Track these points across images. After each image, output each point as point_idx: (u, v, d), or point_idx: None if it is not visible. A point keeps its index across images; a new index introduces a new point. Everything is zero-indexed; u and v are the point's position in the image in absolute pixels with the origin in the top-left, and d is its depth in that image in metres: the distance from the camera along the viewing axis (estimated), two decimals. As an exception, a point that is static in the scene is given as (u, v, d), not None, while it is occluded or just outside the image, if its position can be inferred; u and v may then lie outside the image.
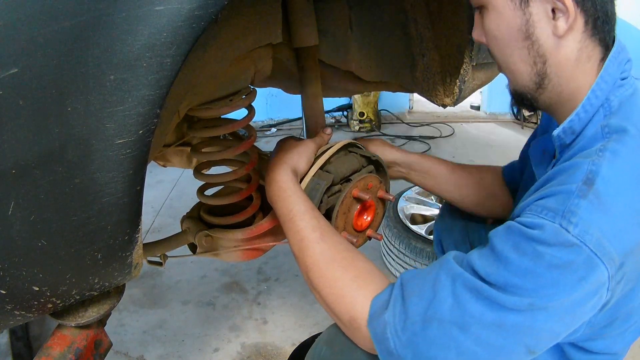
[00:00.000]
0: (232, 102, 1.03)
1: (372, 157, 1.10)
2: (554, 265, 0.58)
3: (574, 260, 0.57)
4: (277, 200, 0.88)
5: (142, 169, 0.56)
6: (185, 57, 0.53)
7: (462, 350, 0.61)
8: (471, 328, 0.60)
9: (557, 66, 0.69)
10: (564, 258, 0.57)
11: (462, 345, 0.61)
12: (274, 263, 2.20)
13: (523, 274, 0.59)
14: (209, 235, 1.13)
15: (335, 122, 4.28)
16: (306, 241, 0.80)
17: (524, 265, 0.59)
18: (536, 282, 0.58)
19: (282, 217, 0.86)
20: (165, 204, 2.81)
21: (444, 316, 0.62)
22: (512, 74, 0.74)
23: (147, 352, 1.70)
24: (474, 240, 1.24)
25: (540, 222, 0.60)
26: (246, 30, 0.93)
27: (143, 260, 0.78)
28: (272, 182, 0.90)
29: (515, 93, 0.77)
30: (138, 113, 0.52)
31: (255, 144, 1.18)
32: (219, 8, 0.53)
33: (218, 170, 1.18)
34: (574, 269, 0.58)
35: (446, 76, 1.18)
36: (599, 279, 0.59)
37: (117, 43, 0.49)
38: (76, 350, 0.75)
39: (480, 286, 0.61)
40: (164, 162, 1.35)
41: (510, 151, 3.77)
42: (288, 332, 1.77)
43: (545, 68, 0.69)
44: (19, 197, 0.50)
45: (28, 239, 0.52)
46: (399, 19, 1.18)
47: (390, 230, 1.98)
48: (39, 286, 0.57)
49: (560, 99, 0.72)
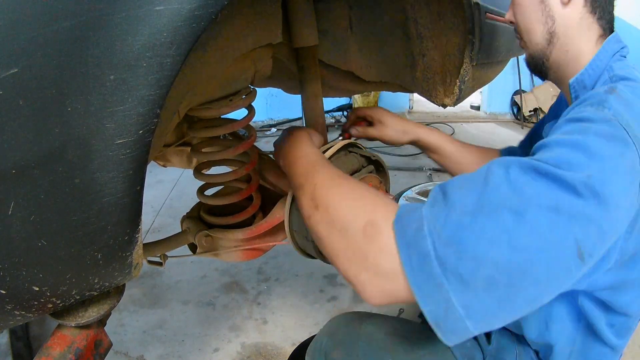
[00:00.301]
0: (232, 102, 1.03)
1: (372, 157, 1.10)
2: (600, 135, 0.62)
3: (613, 134, 0.63)
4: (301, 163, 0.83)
5: (142, 169, 0.56)
6: (185, 57, 0.53)
7: (515, 243, 0.55)
8: (527, 213, 0.55)
9: (564, 27, 0.85)
10: (606, 130, 0.63)
11: (515, 235, 0.55)
12: (274, 263, 2.20)
13: (574, 146, 0.62)
14: (209, 235, 1.13)
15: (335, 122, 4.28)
16: (318, 166, 0.77)
17: (574, 139, 0.63)
18: (586, 151, 0.60)
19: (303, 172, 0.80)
20: (165, 204, 2.81)
21: (498, 202, 0.56)
22: (529, 33, 0.90)
23: (147, 352, 1.70)
24: None
25: (580, 112, 0.68)
26: (246, 31, 0.93)
27: (143, 260, 0.78)
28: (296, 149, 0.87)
29: (531, 58, 0.93)
30: (138, 113, 0.52)
31: (255, 144, 1.18)
32: (219, 8, 0.53)
33: (218, 170, 1.18)
34: (615, 142, 0.62)
35: (446, 76, 1.18)
36: (633, 159, 0.62)
37: (117, 43, 0.49)
38: (76, 350, 0.75)
39: (537, 164, 0.59)
40: (164, 162, 1.35)
41: (510, 151, 3.76)
42: (288, 332, 1.77)
43: (555, 27, 0.86)
44: (19, 197, 0.50)
45: (28, 239, 0.52)
46: (399, 19, 1.18)
47: (390, 230, 1.98)
48: (39, 286, 0.57)
49: (566, 58, 0.87)
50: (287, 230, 1.04)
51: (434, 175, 3.20)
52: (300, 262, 2.17)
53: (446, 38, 1.12)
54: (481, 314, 0.55)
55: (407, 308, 1.85)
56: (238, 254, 1.17)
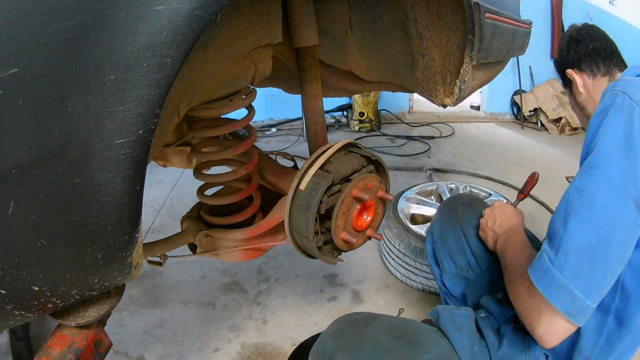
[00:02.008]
0: (232, 102, 1.03)
1: (372, 157, 1.10)
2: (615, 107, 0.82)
3: (622, 103, 0.82)
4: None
5: (142, 169, 0.56)
6: (185, 57, 0.53)
7: (595, 223, 0.77)
8: (595, 199, 0.78)
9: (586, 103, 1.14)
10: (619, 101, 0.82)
11: (593, 218, 0.77)
12: (274, 263, 2.20)
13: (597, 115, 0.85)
14: (209, 235, 1.13)
15: (335, 122, 4.28)
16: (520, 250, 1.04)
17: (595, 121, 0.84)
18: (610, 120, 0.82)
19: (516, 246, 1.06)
20: (165, 204, 2.81)
21: (574, 206, 0.80)
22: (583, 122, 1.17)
23: (147, 352, 1.70)
24: (472, 244, 1.23)
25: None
26: (246, 30, 0.93)
27: (143, 260, 0.78)
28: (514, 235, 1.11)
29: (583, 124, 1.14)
30: (138, 113, 0.52)
31: (255, 144, 1.18)
32: (219, 8, 0.53)
33: (218, 170, 1.18)
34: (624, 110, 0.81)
35: (446, 76, 1.18)
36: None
37: (117, 43, 0.49)
38: (76, 350, 0.75)
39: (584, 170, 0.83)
40: (164, 162, 1.35)
41: (510, 151, 3.77)
42: (288, 332, 1.77)
43: (588, 111, 1.14)
44: (19, 197, 0.50)
45: (28, 239, 0.52)
46: (399, 19, 1.18)
47: (390, 230, 1.98)
48: (39, 286, 0.57)
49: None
50: (287, 230, 1.04)
51: (434, 175, 3.20)
52: (300, 262, 2.17)
53: (446, 38, 1.12)
54: (594, 290, 0.77)
55: (407, 308, 1.85)
56: (238, 253, 1.17)
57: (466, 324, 1.00)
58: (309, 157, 1.05)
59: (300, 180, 1.00)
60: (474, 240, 1.24)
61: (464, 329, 0.98)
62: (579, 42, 1.15)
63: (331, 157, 1.03)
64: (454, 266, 1.26)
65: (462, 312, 1.03)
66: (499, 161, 3.43)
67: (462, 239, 1.26)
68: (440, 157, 3.61)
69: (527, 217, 2.30)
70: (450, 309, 1.04)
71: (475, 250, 1.23)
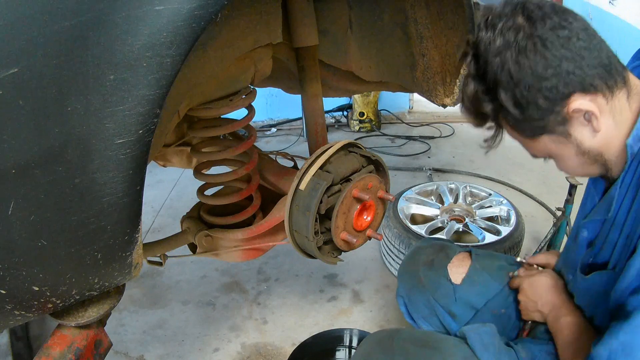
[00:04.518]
0: (232, 102, 1.03)
1: (372, 157, 1.10)
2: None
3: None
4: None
5: (142, 169, 0.56)
6: (185, 57, 0.53)
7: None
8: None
9: (605, 142, 0.79)
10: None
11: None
12: (274, 263, 2.20)
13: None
14: (209, 235, 1.13)
15: (335, 122, 4.27)
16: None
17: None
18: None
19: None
20: (165, 204, 2.81)
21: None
22: (580, 170, 0.86)
23: (147, 352, 1.70)
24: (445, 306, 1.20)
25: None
26: (246, 30, 0.93)
27: (143, 260, 0.78)
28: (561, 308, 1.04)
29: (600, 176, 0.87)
30: (138, 113, 0.52)
31: (255, 144, 1.19)
32: (219, 8, 0.53)
33: (218, 170, 1.18)
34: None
35: (446, 76, 1.18)
36: None
37: (117, 43, 0.49)
38: (76, 350, 0.75)
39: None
40: (164, 162, 1.35)
41: (510, 151, 3.76)
42: (288, 332, 1.77)
43: (599, 152, 0.80)
44: (19, 197, 0.50)
45: (28, 239, 0.52)
46: (399, 19, 1.18)
47: (390, 230, 1.98)
48: (39, 286, 0.57)
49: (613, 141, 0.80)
50: (287, 230, 1.04)
51: (434, 175, 3.20)
52: (300, 262, 2.17)
53: (446, 38, 1.12)
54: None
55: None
56: (238, 253, 1.17)
57: (492, 341, 1.00)
58: (309, 157, 1.06)
59: (300, 180, 1.00)
60: (447, 302, 1.19)
61: (490, 347, 0.99)
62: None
63: (331, 157, 1.03)
64: (430, 326, 1.25)
65: (486, 329, 1.03)
66: (499, 161, 3.42)
67: (432, 302, 1.21)
68: (440, 157, 3.60)
69: (527, 217, 2.30)
70: (475, 328, 1.04)
71: (451, 310, 1.20)
